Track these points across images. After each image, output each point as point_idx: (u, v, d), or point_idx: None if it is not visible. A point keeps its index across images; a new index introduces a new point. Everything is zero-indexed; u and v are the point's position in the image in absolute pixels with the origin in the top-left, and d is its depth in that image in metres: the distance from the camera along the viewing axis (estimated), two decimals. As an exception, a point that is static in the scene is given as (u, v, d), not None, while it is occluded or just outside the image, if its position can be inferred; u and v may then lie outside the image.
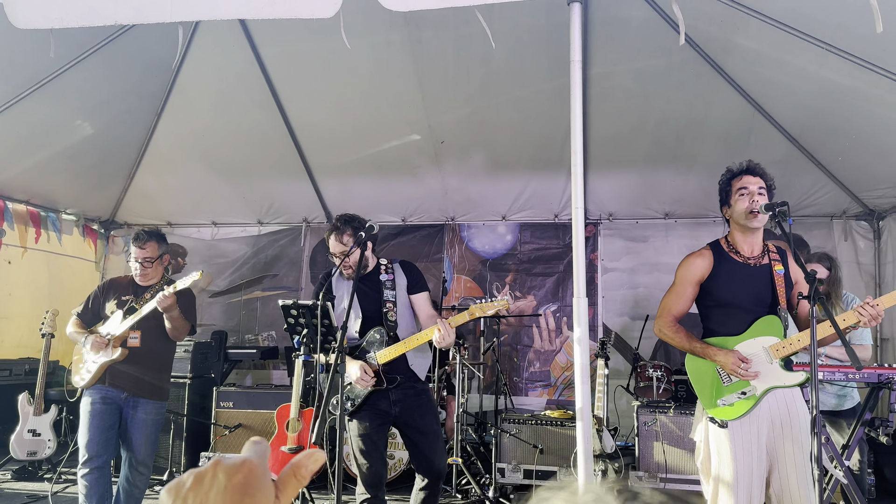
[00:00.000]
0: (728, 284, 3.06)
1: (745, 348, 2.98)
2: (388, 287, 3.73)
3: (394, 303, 3.70)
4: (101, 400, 4.05)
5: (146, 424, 4.13)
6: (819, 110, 4.95)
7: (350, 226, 3.68)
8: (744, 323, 3.02)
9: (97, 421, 4.01)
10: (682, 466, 5.09)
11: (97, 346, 4.06)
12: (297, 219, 7.52)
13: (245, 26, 5.00)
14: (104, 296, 4.30)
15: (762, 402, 2.93)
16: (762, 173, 3.08)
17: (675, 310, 3.18)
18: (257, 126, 6.06)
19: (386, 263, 3.82)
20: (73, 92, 5.12)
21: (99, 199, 7.02)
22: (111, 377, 4.09)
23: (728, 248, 3.13)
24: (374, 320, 3.68)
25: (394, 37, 4.81)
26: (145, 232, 4.23)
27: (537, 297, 7.06)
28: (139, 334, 4.12)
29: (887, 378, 3.74)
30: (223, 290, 7.19)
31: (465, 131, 5.96)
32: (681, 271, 3.20)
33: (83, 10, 2.69)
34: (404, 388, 3.63)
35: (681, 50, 4.75)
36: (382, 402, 3.60)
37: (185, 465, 5.69)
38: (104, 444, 4.01)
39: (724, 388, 2.97)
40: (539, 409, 6.29)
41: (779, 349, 2.91)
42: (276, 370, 7.36)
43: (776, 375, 2.91)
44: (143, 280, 4.21)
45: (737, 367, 2.90)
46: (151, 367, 4.20)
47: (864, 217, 6.40)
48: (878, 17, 2.42)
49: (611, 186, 6.59)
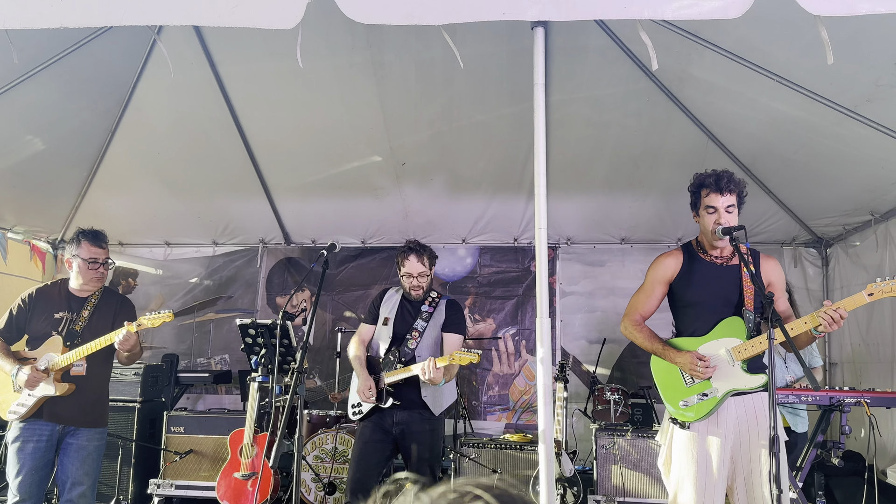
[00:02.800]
0: (695, 284, 3.10)
1: (707, 349, 3.01)
2: (423, 318, 3.97)
3: (420, 333, 3.93)
4: (35, 437, 3.65)
5: (87, 452, 3.76)
6: (770, 140, 5.10)
7: (428, 251, 4.02)
8: (709, 323, 3.04)
9: (31, 461, 3.62)
10: (640, 489, 5.11)
11: (33, 381, 3.62)
12: (253, 239, 7.41)
13: (204, 43, 4.94)
14: (30, 310, 3.84)
15: (728, 408, 2.94)
16: (732, 189, 3.07)
17: (641, 309, 3.21)
18: (214, 145, 5.97)
19: (434, 297, 4.05)
20: (23, 106, 4.96)
21: (48, 218, 6.80)
22: (49, 410, 3.69)
23: (698, 248, 3.17)
24: (399, 343, 3.95)
25: (356, 58, 4.81)
26: (97, 231, 3.90)
27: (496, 321, 7.07)
28: (85, 361, 3.74)
29: (838, 400, 3.83)
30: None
31: (427, 154, 5.98)
32: (650, 271, 3.24)
33: (31, 14, 2.59)
34: (410, 414, 3.86)
35: (637, 79, 4.87)
36: (385, 420, 3.87)
37: (133, 492, 5.49)
38: (38, 485, 3.64)
39: (686, 390, 2.99)
40: (498, 434, 6.26)
41: (741, 351, 2.94)
42: (228, 395, 7.19)
43: (737, 377, 2.93)
44: (94, 285, 3.86)
45: (694, 367, 2.92)
46: (93, 394, 3.85)
47: (812, 244, 6.60)
48: (829, 49, 2.51)
49: (569, 211, 6.66)
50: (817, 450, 3.84)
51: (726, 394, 2.92)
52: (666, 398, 3.07)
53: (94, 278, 3.87)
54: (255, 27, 2.51)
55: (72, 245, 3.88)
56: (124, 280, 6.56)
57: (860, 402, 3.87)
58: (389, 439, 3.88)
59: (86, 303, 3.85)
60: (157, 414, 5.74)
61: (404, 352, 3.89)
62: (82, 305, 3.84)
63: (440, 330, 3.99)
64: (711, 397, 2.93)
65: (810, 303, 6.47)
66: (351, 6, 2.49)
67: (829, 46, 2.62)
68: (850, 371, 5.96)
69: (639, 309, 3.22)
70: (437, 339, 3.98)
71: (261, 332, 2.98)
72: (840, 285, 6.23)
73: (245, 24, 2.52)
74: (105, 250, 3.89)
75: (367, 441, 3.85)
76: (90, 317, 3.81)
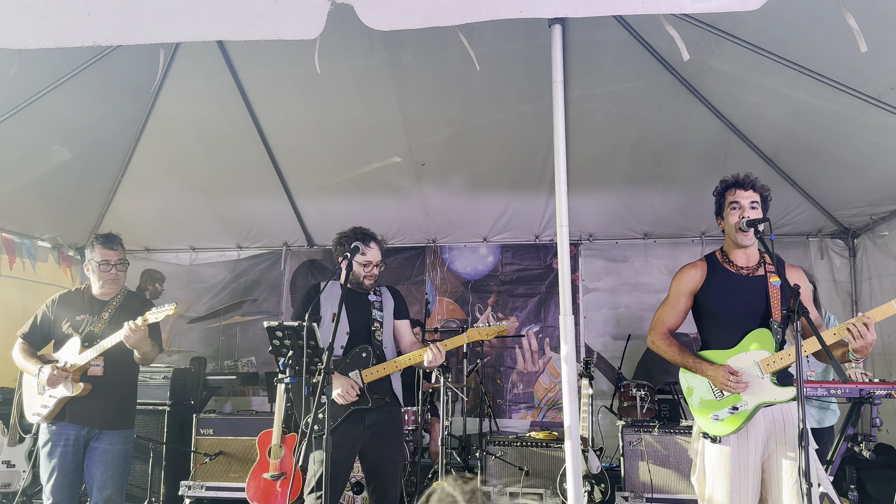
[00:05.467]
0: (720, 295, 3.05)
1: (736, 362, 2.95)
2: (376, 307, 3.74)
3: (381, 323, 3.71)
4: (62, 441, 3.70)
5: (112, 457, 3.77)
6: (793, 131, 5.04)
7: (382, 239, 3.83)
8: (736, 335, 2.99)
9: (60, 465, 3.67)
10: (667, 485, 5.07)
11: (54, 380, 3.66)
12: (276, 243, 7.48)
13: (224, 50, 5.00)
14: (55, 315, 3.88)
15: (757, 419, 2.89)
16: (754, 185, 3.04)
17: (668, 322, 3.17)
18: (236, 150, 6.04)
19: (374, 286, 3.81)
20: (50, 117, 5.06)
21: (75, 226, 6.92)
22: (71, 412, 3.71)
23: (723, 258, 3.13)
24: (360, 337, 3.64)
25: (374, 61, 4.84)
26: (110, 233, 3.94)
27: (519, 319, 7.07)
28: (102, 361, 3.75)
29: (868, 393, 3.78)
30: (202, 316, 7.08)
31: (446, 153, 6.00)
32: (674, 283, 3.19)
33: (62, 32, 2.65)
34: (380, 413, 3.58)
35: (657, 73, 4.85)
36: (357, 425, 3.52)
37: (165, 494, 5.56)
38: (69, 487, 3.70)
39: (716, 403, 2.94)
40: (523, 431, 6.25)
41: (769, 364, 2.89)
42: (255, 396, 7.27)
43: (767, 391, 2.88)
44: (112, 288, 3.90)
45: (726, 381, 2.88)
46: (116, 396, 3.85)
47: (839, 235, 6.51)
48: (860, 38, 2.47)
49: (590, 207, 6.64)
50: (848, 443, 3.79)
51: (757, 407, 2.87)
52: (696, 412, 3.02)
53: (109, 280, 3.91)
54: (279, 38, 2.54)
55: (88, 250, 3.98)
56: (151, 285, 6.63)
57: (890, 394, 3.81)
58: (357, 446, 3.57)
59: (107, 306, 3.90)
60: (187, 417, 5.81)
61: (375, 344, 3.64)
62: (103, 308, 3.89)
63: (392, 317, 3.81)
64: (742, 411, 2.87)
65: (837, 295, 6.39)
66: (369, 15, 2.52)
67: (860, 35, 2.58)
68: (881, 363, 5.86)
69: (665, 322, 3.17)
70: (392, 327, 3.80)
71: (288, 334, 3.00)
72: (868, 276, 6.14)
73: (268, 36, 2.55)
74: (117, 252, 3.92)
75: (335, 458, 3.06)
76: (110, 319, 3.85)
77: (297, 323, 3.07)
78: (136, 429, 4.08)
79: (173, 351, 6.84)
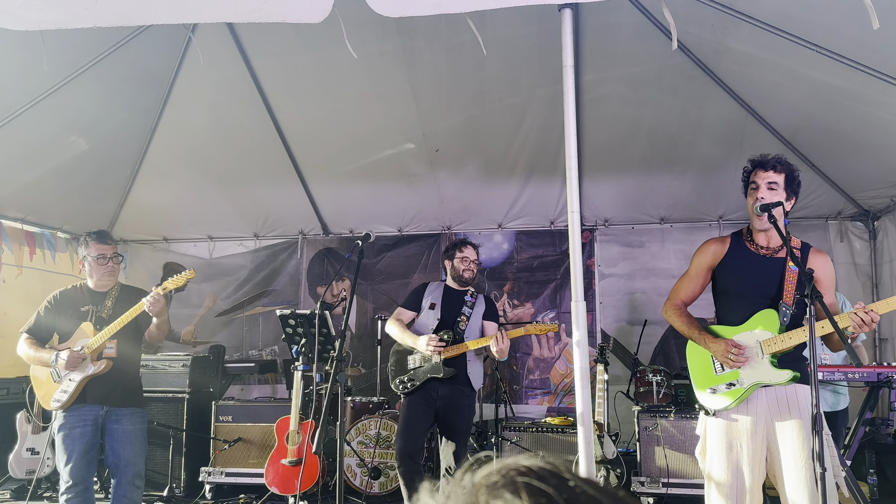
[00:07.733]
0: (735, 272, 3.07)
1: (741, 339, 2.98)
2: (467, 305, 4.51)
3: (468, 318, 4.46)
4: (81, 422, 3.81)
5: (135, 435, 3.92)
6: (811, 112, 4.97)
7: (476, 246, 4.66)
8: (745, 314, 3.01)
9: (80, 446, 3.78)
10: (684, 470, 5.07)
11: (74, 361, 3.78)
12: (293, 231, 7.51)
13: (237, 39, 5.01)
14: (57, 309, 4.01)
15: (759, 399, 2.92)
16: (775, 166, 2.98)
17: (682, 294, 3.21)
18: (251, 138, 6.07)
19: (473, 291, 4.61)
20: (67, 108, 5.11)
21: (94, 216, 6.98)
22: (91, 392, 3.85)
23: (746, 236, 3.13)
24: (447, 324, 4.43)
25: (386, 47, 4.82)
26: (102, 230, 4.13)
27: (535, 305, 7.06)
28: (115, 343, 3.89)
29: (887, 377, 3.74)
30: (228, 309, 7.11)
31: (460, 139, 5.98)
32: (695, 256, 3.22)
33: (65, 16, 2.66)
34: (454, 389, 4.31)
35: (672, 55, 4.77)
36: (432, 391, 4.32)
37: (185, 480, 5.65)
38: (87, 468, 3.82)
39: (715, 378, 3.00)
40: (539, 417, 6.26)
41: (770, 344, 2.90)
42: (280, 384, 7.32)
43: (764, 371, 2.90)
44: (109, 280, 4.03)
45: (727, 354, 2.91)
46: (128, 376, 4.01)
47: (859, 218, 6.42)
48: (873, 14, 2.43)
49: (606, 192, 6.60)
50: (866, 427, 3.76)
51: (752, 386, 2.89)
52: (696, 384, 3.07)
53: (106, 273, 4.03)
54: (284, 22, 2.54)
55: (81, 248, 4.08)
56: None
57: (910, 377, 3.77)
58: (432, 411, 4.33)
59: (107, 296, 4.04)
60: (206, 404, 5.89)
61: (457, 332, 4.37)
62: (104, 298, 4.03)
63: (482, 318, 4.52)
64: (738, 387, 2.91)
65: (857, 278, 6.30)
66: (378, 1, 2.51)
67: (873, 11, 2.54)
68: (898, 347, 5.80)
69: (680, 294, 3.20)
70: (479, 326, 4.51)
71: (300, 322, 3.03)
72: (889, 258, 6.05)
73: (274, 19, 2.55)
74: (111, 246, 4.07)
75: (414, 412, 4.30)
76: (114, 305, 3.98)
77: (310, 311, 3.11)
78: (156, 416, 4.16)
79: (199, 342, 6.89)
